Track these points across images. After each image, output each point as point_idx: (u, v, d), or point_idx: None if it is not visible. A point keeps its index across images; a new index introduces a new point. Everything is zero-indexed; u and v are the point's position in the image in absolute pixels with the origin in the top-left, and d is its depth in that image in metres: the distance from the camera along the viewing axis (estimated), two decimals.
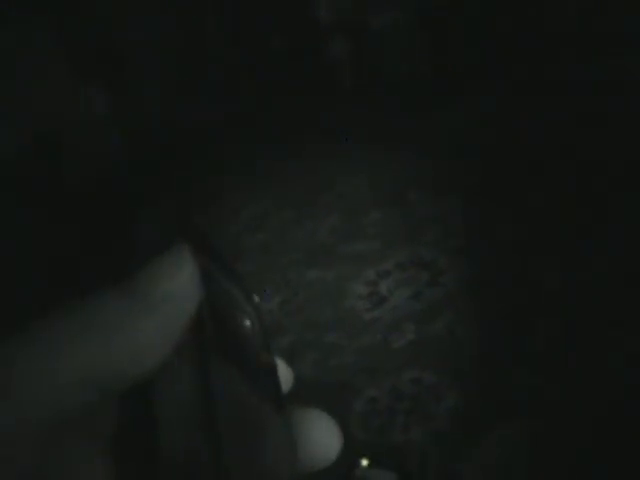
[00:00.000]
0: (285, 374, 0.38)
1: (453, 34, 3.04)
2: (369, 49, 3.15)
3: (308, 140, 2.98)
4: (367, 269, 2.24)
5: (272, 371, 0.36)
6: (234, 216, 2.71)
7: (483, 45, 2.96)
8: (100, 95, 3.17)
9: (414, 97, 2.99)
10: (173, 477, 0.28)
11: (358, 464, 1.56)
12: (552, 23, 2.91)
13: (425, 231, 2.32)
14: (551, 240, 2.13)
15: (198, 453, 0.29)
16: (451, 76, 2.98)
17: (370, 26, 3.10)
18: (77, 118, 3.10)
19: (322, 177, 2.79)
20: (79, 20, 3.08)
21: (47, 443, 0.27)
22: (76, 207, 2.83)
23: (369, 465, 1.57)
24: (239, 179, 2.91)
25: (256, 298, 0.38)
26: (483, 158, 2.56)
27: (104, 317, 0.28)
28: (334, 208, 2.58)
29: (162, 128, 3.17)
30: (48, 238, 2.66)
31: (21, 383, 0.27)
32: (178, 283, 0.30)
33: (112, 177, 2.99)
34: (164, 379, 0.29)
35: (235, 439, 0.30)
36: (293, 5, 3.25)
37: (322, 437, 0.36)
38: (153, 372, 0.29)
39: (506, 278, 2.05)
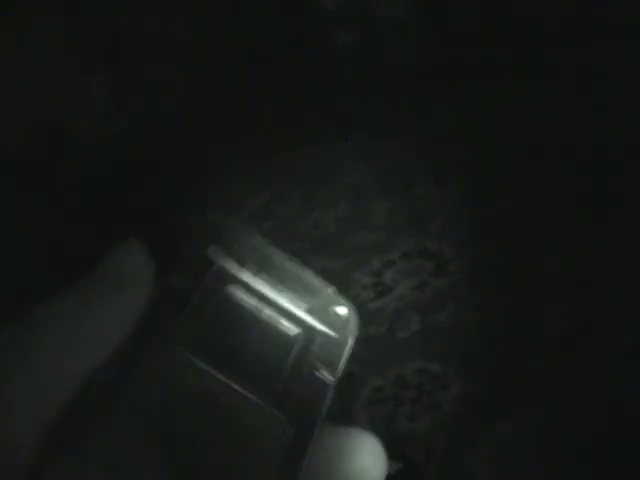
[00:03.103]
0: None
1: (455, 22, 3.03)
2: (372, 38, 3.14)
3: (310, 129, 2.98)
4: (372, 259, 2.25)
5: (309, 386, 0.34)
6: (239, 207, 2.71)
7: (483, 31, 2.95)
8: (102, 87, 3.15)
9: (416, 85, 2.99)
10: None
11: None
12: (551, 9, 2.90)
13: (430, 221, 2.33)
14: (555, 227, 2.13)
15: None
16: (453, 64, 2.97)
17: (374, 15, 3.09)
18: (79, 109, 3.09)
19: (326, 167, 2.79)
20: (81, 9, 3.06)
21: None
22: (78, 199, 2.83)
23: None
24: (242, 169, 2.91)
25: (342, 310, 0.37)
26: (486, 146, 2.56)
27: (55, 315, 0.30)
28: (339, 198, 2.58)
29: (164, 120, 3.16)
30: (50, 231, 2.66)
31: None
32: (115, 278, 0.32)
33: (114, 170, 2.98)
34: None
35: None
36: None
37: (364, 461, 0.34)
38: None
39: (511, 267, 2.05)
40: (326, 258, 2.31)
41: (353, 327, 0.36)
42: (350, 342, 0.36)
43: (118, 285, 0.32)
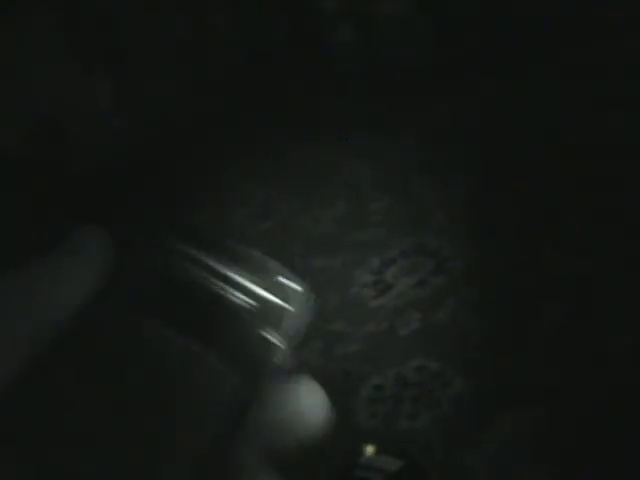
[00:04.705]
0: None
1: (455, 22, 3.03)
2: (372, 38, 3.14)
3: (310, 129, 2.98)
4: (372, 257, 2.25)
5: (256, 344, 0.39)
6: (238, 205, 2.72)
7: (483, 30, 2.95)
8: (102, 87, 3.15)
9: (417, 85, 2.99)
10: None
11: (364, 451, 1.57)
12: (551, 9, 2.90)
13: (429, 218, 2.33)
14: (555, 226, 2.13)
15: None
16: (453, 64, 2.97)
17: (374, 15, 3.09)
18: (79, 109, 3.08)
19: (325, 166, 2.79)
20: (81, 9, 3.06)
21: None
22: (78, 199, 2.83)
23: (375, 452, 1.57)
24: (242, 169, 2.91)
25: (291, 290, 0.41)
26: (484, 144, 2.56)
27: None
28: (338, 196, 2.59)
29: (164, 120, 3.16)
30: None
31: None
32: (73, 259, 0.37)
33: (114, 169, 2.98)
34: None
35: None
36: None
37: (306, 407, 0.37)
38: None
39: (511, 264, 2.05)
40: (326, 256, 2.31)
41: (307, 300, 0.41)
42: (304, 313, 0.41)
43: (73, 262, 0.37)
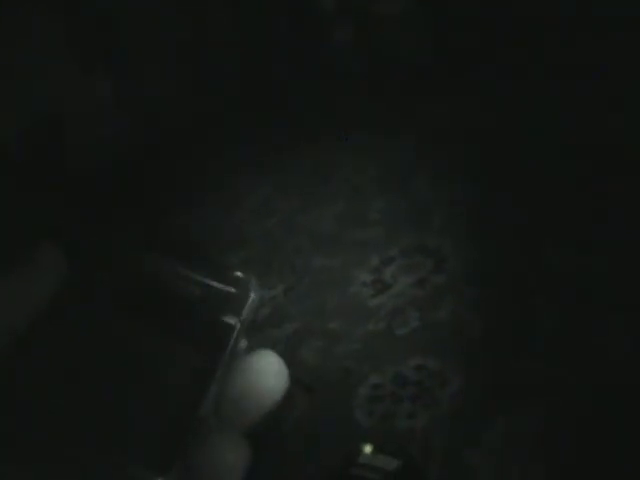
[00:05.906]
0: None
1: (455, 22, 3.04)
2: (372, 38, 3.15)
3: (310, 129, 2.99)
4: (371, 256, 2.25)
5: (212, 326, 0.46)
6: (238, 203, 2.72)
7: (484, 29, 2.96)
8: (102, 87, 3.16)
9: (415, 82, 3.00)
10: None
11: (362, 451, 1.57)
12: (551, 9, 2.91)
13: (429, 217, 2.33)
14: (555, 226, 2.13)
15: None
16: (452, 61, 2.98)
17: (373, 12, 3.10)
18: (79, 109, 3.09)
19: (325, 165, 2.80)
20: (81, 9, 3.07)
21: None
22: (78, 199, 2.83)
23: (373, 451, 1.57)
24: (241, 166, 2.92)
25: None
26: (484, 143, 2.56)
27: None
28: (338, 195, 2.59)
29: (164, 120, 3.17)
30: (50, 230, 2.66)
31: None
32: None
33: (114, 162, 2.98)
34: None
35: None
36: None
37: (268, 380, 0.42)
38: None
39: (509, 263, 2.05)
40: (326, 255, 2.32)
41: (252, 285, 0.50)
42: (252, 296, 0.50)
43: (33, 274, 0.49)
